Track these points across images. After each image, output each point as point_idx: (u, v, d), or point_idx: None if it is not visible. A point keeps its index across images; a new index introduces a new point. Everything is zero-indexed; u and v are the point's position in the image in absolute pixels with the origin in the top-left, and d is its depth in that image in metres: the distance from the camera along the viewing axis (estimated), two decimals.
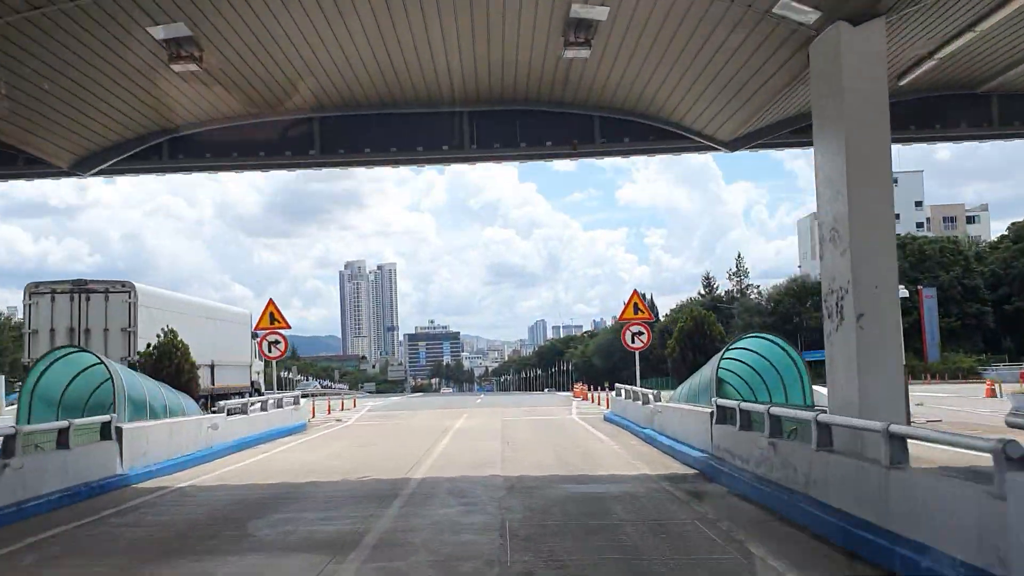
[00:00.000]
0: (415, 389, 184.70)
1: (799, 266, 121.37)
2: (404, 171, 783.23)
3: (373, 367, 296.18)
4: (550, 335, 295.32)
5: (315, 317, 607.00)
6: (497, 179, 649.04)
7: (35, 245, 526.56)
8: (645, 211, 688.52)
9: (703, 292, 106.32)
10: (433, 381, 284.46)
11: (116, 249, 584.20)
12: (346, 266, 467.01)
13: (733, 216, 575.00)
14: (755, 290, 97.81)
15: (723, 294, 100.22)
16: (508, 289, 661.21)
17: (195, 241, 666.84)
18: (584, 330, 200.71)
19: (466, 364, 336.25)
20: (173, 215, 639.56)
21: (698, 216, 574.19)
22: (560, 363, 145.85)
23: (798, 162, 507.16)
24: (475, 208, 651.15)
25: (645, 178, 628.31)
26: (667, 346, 31.07)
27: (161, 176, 16.53)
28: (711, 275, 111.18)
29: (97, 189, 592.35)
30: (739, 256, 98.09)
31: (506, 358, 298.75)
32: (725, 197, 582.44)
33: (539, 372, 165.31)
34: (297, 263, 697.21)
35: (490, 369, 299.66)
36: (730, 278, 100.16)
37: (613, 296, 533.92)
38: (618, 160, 16.69)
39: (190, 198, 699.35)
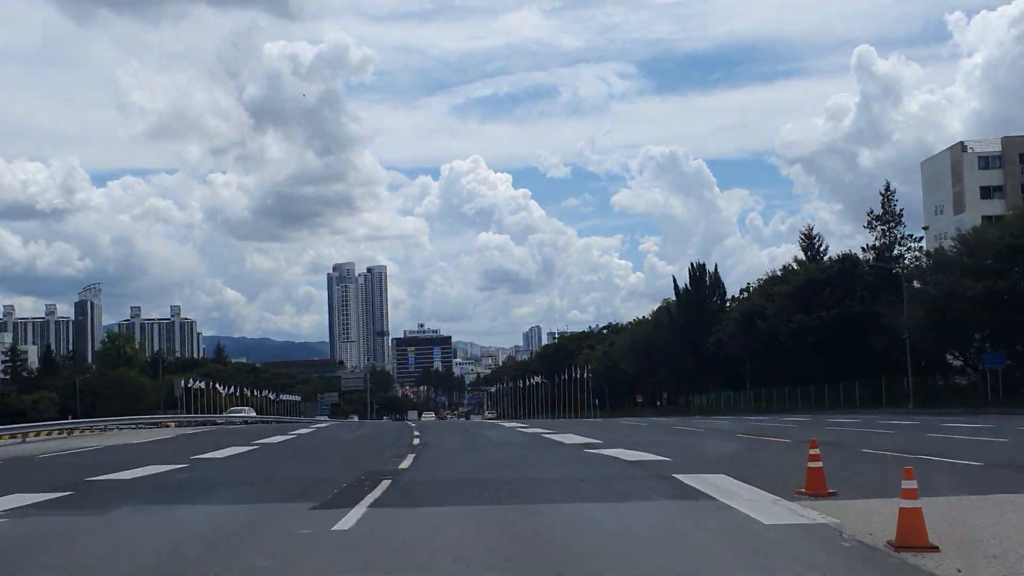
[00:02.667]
0: (383, 408, 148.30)
1: (925, 227, 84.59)
2: (397, 175, 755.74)
3: (352, 373, 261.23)
4: (544, 341, 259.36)
5: (307, 323, 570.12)
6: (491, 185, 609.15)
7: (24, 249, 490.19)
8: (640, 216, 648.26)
9: (805, 255, 70.33)
10: (421, 389, 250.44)
11: (107, 253, 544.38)
12: (334, 269, 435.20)
13: (727, 223, 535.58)
14: (912, 240, 61.88)
15: (866, 247, 63.78)
16: (502, 295, 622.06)
17: (186, 245, 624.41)
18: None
19: (456, 371, 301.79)
20: (163, 218, 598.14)
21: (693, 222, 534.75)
22: (571, 369, 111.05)
23: (794, 168, 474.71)
24: (469, 213, 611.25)
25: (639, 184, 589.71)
26: None
27: None
28: (814, 231, 74.54)
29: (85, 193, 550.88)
30: (887, 188, 57.77)
31: (500, 364, 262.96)
32: (720, 204, 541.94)
33: (541, 380, 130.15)
34: (289, 268, 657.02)
35: (482, 376, 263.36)
36: (870, 226, 63.33)
37: (607, 303, 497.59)
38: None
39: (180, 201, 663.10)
